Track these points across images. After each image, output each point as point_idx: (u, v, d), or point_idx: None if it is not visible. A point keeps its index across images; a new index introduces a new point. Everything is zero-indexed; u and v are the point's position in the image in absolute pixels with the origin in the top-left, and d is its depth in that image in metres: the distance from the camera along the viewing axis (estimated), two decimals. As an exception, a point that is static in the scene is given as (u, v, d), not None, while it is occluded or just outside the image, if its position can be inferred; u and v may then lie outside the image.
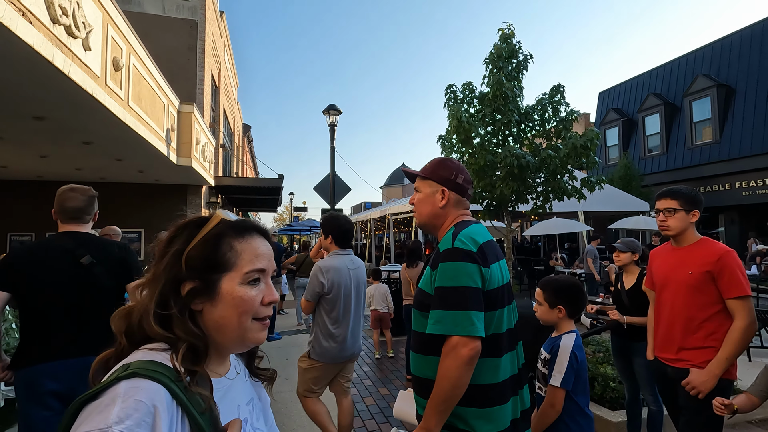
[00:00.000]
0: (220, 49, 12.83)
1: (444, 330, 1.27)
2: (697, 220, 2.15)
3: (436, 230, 1.55)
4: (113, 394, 0.55)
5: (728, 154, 13.96)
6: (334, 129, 9.99)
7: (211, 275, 0.68)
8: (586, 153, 5.96)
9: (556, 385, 1.77)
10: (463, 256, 1.33)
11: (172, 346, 0.64)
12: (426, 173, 1.56)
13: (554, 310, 1.94)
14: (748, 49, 14.16)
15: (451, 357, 1.25)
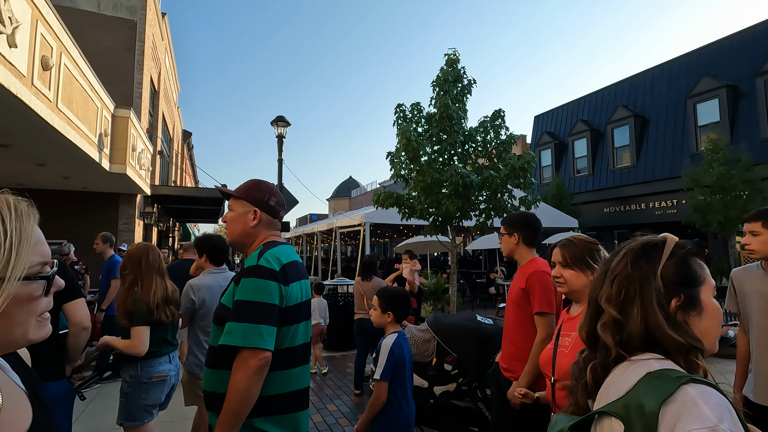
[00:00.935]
0: (161, 51, 12.24)
1: (233, 341, 1.30)
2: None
3: (246, 248, 1.59)
4: (689, 398, 0.66)
5: (644, 177, 15.56)
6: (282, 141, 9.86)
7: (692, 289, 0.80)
8: (523, 174, 6.40)
9: (378, 378, 2.03)
10: (266, 274, 1.39)
11: (685, 352, 0.76)
12: (240, 193, 1.61)
13: (385, 315, 2.24)
14: (659, 84, 16.01)
15: (241, 369, 1.29)
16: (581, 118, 18.83)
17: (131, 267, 2.38)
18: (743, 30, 13.88)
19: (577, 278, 1.58)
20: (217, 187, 1.72)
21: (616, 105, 17.12)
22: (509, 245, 2.37)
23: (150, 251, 2.44)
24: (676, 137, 14.91)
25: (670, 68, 15.82)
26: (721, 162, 10.92)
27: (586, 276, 1.57)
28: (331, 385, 5.06)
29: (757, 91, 12.67)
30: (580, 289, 1.58)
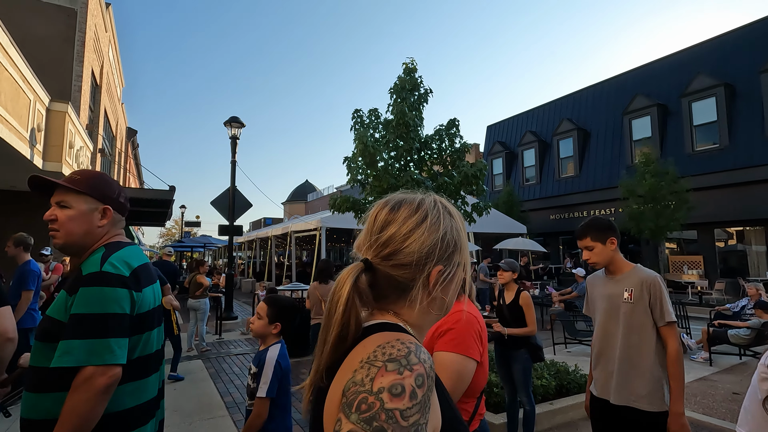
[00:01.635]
0: (104, 44, 11.53)
1: (75, 361, 1.14)
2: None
3: (83, 251, 1.36)
4: None
5: (585, 186, 16.60)
6: (236, 142, 9.59)
7: None
8: (476, 182, 6.64)
9: (263, 396, 1.89)
10: (114, 282, 1.24)
11: None
12: (83, 187, 1.37)
13: (272, 325, 2.07)
14: (600, 100, 17.20)
15: (82, 390, 1.13)
16: (530, 129, 19.80)
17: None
18: (672, 54, 15.25)
19: None
20: (38, 177, 1.38)
21: (562, 118, 18.19)
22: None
23: None
24: (614, 150, 16.06)
25: (610, 86, 17.05)
26: (652, 174, 11.88)
27: None
28: (283, 392, 4.96)
29: (683, 110, 13.95)
30: None
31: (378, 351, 0.59)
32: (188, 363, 6.21)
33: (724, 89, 12.89)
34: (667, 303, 1.98)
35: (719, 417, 4.09)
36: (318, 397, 0.66)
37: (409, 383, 0.55)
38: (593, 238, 2.11)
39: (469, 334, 1.37)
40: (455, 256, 0.74)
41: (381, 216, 0.73)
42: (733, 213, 12.56)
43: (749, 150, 12.29)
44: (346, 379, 0.59)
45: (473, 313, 1.43)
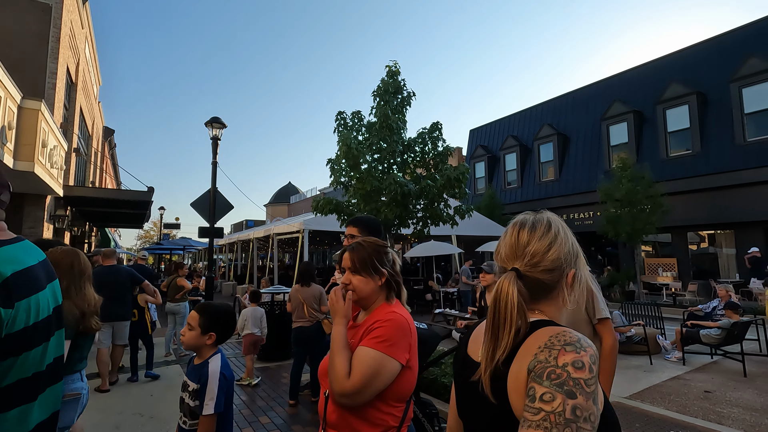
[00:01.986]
0: (81, 40, 11.23)
1: None
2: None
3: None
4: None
5: (565, 190, 16.94)
6: (218, 143, 9.45)
7: None
8: (458, 185, 6.70)
9: (210, 413, 1.76)
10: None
11: None
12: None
13: (205, 336, 1.90)
14: (579, 106, 17.59)
15: None
16: (512, 133, 20.11)
17: (60, 274, 2.15)
18: (647, 63, 15.73)
19: (365, 284, 1.43)
20: None
21: (542, 123, 18.53)
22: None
23: (79, 256, 2.22)
24: (592, 155, 16.44)
25: (588, 92, 17.47)
26: (628, 179, 12.21)
27: (374, 282, 1.43)
28: (264, 396, 4.89)
29: (657, 117, 14.39)
30: (367, 296, 1.43)
31: (553, 339, 0.78)
32: (166, 368, 6.06)
33: (697, 97, 13.36)
34: (598, 301, 2.07)
35: (692, 415, 4.21)
36: (495, 381, 0.82)
37: (587, 360, 0.73)
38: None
39: (397, 335, 1.32)
40: (579, 260, 0.95)
41: (523, 236, 0.93)
42: (705, 217, 13.00)
43: (720, 156, 12.76)
44: (526, 362, 0.77)
45: (405, 317, 1.39)
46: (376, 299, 1.45)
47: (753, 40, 12.73)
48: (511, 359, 0.80)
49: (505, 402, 0.79)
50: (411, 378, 1.36)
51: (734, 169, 12.33)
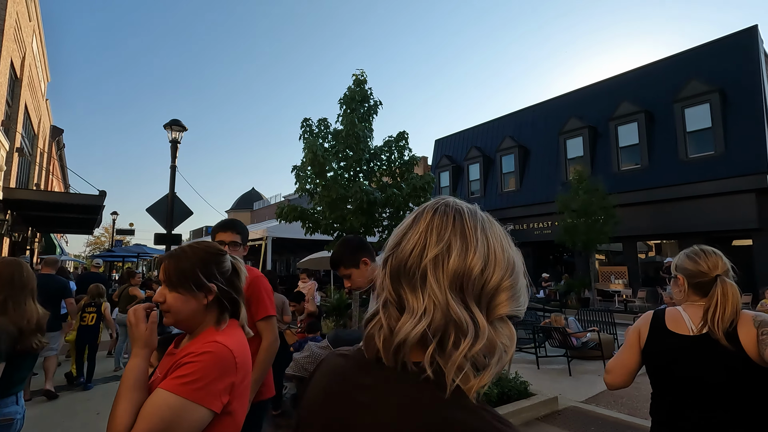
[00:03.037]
0: (28, 33, 10.55)
1: None
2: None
3: None
4: None
5: (525, 200, 17.54)
6: (177, 146, 9.10)
7: None
8: (424, 193, 6.78)
9: None
10: None
11: None
12: None
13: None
14: (539, 120, 18.34)
15: None
16: (475, 144, 20.65)
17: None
18: (601, 81, 16.66)
19: (183, 303, 1.13)
20: None
21: (504, 135, 19.16)
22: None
23: (22, 267, 2.06)
24: (551, 167, 17.15)
25: (547, 107, 18.26)
26: (584, 190, 12.81)
27: (197, 300, 1.13)
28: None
29: (610, 132, 15.24)
30: (187, 318, 1.13)
31: (755, 315, 1.41)
32: (114, 385, 5.70)
33: (645, 115, 14.27)
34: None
35: (642, 417, 4.42)
36: (728, 339, 1.38)
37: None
38: (347, 265, 1.96)
39: (212, 373, 1.01)
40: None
41: (713, 256, 1.61)
42: (652, 227, 13.83)
43: (665, 171, 13.65)
44: (750, 326, 1.38)
45: (231, 348, 1.07)
46: (201, 322, 1.14)
47: (694, 64, 13.79)
48: (733, 326, 1.38)
49: (741, 349, 1.35)
50: (232, 428, 1.08)
51: (677, 183, 13.22)
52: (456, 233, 0.58)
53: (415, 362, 0.54)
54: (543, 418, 4.40)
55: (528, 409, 4.36)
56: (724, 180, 12.32)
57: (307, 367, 3.07)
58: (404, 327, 0.54)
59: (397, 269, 0.59)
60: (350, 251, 1.97)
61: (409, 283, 0.57)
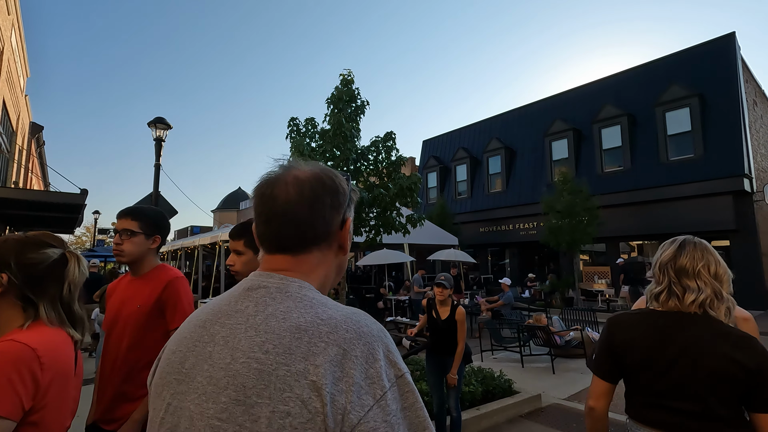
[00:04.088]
0: (6, 27, 10.28)
1: None
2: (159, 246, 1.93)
3: None
4: None
5: (511, 201, 17.73)
6: (161, 144, 8.98)
7: None
8: (411, 194, 6.80)
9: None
10: None
11: None
12: None
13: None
14: (525, 122, 18.56)
15: None
16: (462, 146, 20.80)
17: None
18: (585, 84, 16.95)
19: None
20: None
21: (491, 137, 19.35)
22: (142, 248, 1.88)
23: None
24: (536, 168, 17.37)
25: (533, 109, 18.50)
26: (569, 192, 13.01)
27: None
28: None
29: (594, 135, 15.51)
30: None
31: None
32: (96, 386, 5.60)
33: (627, 119, 14.56)
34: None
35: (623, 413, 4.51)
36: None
37: None
38: (248, 243, 1.72)
39: (1, 376, 0.87)
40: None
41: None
42: (635, 228, 14.12)
43: (647, 173, 13.95)
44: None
45: (35, 345, 0.95)
46: (3, 322, 1.02)
47: (675, 69, 14.13)
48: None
49: None
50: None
51: (659, 185, 13.52)
52: (709, 254, 1.43)
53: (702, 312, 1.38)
54: (526, 415, 4.46)
55: (512, 407, 4.42)
56: (703, 182, 12.65)
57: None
58: (692, 296, 1.36)
59: (678, 270, 1.43)
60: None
61: (686, 276, 1.40)
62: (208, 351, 0.67)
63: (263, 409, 0.57)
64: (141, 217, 1.84)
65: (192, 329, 0.72)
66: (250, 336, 0.64)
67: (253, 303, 0.69)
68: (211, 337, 0.68)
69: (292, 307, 0.67)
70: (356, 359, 0.60)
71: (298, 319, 0.64)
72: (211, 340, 0.68)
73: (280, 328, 0.63)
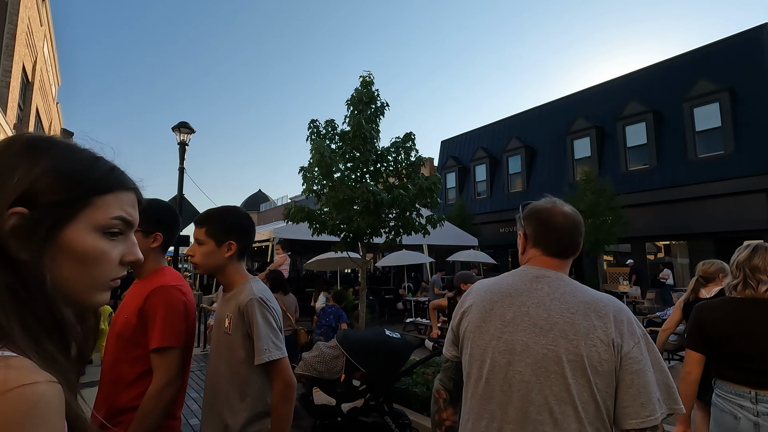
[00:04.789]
0: (39, 38, 10.72)
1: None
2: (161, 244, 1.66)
3: None
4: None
5: (531, 201, 17.44)
6: (185, 148, 9.19)
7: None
8: (430, 194, 6.78)
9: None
10: None
11: None
12: None
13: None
14: (545, 120, 18.26)
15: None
16: (481, 145, 20.60)
17: None
18: (608, 81, 16.55)
19: None
20: None
21: (511, 136, 19.09)
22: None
23: None
24: (557, 167, 17.06)
25: (553, 108, 18.17)
26: (591, 191, 12.73)
27: None
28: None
29: (617, 133, 15.13)
30: None
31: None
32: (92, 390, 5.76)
33: (653, 115, 14.15)
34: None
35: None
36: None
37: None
38: (209, 231, 1.57)
39: None
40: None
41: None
42: (661, 228, 13.70)
43: (674, 171, 13.52)
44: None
45: None
46: None
47: (703, 63, 13.66)
48: None
49: None
50: None
51: (686, 183, 13.09)
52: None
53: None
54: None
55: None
56: (734, 180, 12.18)
57: (315, 366, 3.09)
58: (765, 287, 1.83)
59: (752, 268, 1.86)
60: (230, 225, 1.59)
61: (759, 272, 1.85)
62: (524, 310, 1.12)
63: (579, 341, 1.04)
64: (141, 214, 1.60)
65: (501, 298, 1.18)
66: (556, 304, 1.10)
67: (547, 285, 1.15)
68: (522, 303, 1.14)
69: (574, 290, 1.13)
70: (621, 320, 1.06)
71: (583, 296, 1.11)
72: (523, 303, 1.13)
73: (575, 301, 1.09)
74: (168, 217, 1.69)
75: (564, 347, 1.03)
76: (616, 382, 1.02)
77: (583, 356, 1.01)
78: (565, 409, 1.02)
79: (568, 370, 1.02)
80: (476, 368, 1.15)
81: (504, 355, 1.09)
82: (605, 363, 1.01)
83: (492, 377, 1.11)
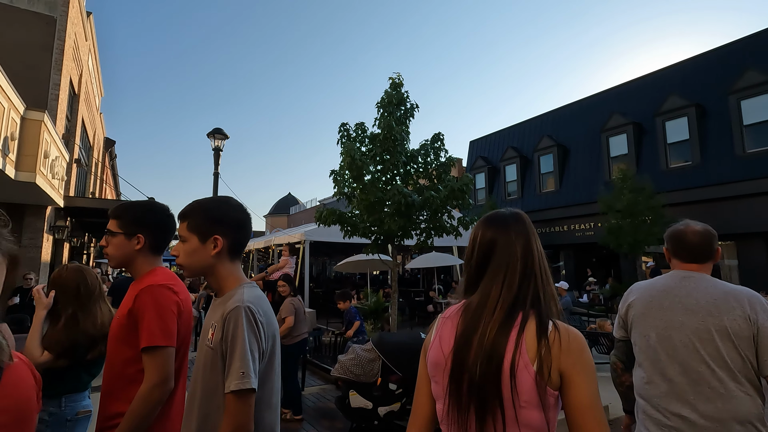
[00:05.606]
0: (84, 52, 11.31)
1: None
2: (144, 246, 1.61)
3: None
4: None
5: (565, 201, 16.95)
6: (219, 154, 9.45)
7: None
8: (462, 195, 6.69)
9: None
10: None
11: None
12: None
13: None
14: (578, 118, 17.70)
15: None
16: (511, 145, 20.19)
17: (65, 300, 2.00)
18: (646, 75, 15.87)
19: None
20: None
21: (542, 135, 18.62)
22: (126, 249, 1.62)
23: (85, 274, 2.07)
24: (592, 166, 16.49)
25: (587, 104, 17.59)
26: (629, 190, 12.21)
27: None
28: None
29: (657, 128, 14.48)
30: None
31: None
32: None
33: (695, 109, 13.45)
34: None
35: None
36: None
37: None
38: (191, 226, 1.36)
39: None
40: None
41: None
42: (706, 228, 12.96)
43: (719, 168, 12.80)
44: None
45: None
46: None
47: (750, 53, 12.88)
48: None
49: None
50: None
51: (734, 180, 12.36)
52: None
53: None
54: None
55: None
56: (788, 176, 11.40)
57: (352, 369, 3.09)
58: None
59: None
60: (215, 216, 1.37)
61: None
62: (677, 300, 1.62)
63: (723, 317, 1.50)
64: (121, 215, 1.59)
65: (657, 293, 1.69)
66: (702, 294, 1.57)
67: (693, 283, 1.62)
68: (675, 294, 1.63)
69: (715, 284, 1.60)
70: (755, 303, 1.50)
71: (723, 288, 1.57)
72: (676, 295, 1.63)
73: (717, 291, 1.56)
74: (148, 218, 1.62)
75: (711, 322, 1.50)
76: (756, 344, 1.45)
77: (727, 327, 1.47)
78: (718, 362, 1.49)
79: (716, 337, 1.48)
80: (644, 342, 1.66)
81: (666, 330, 1.60)
82: (744, 331, 1.45)
83: (659, 346, 1.61)
